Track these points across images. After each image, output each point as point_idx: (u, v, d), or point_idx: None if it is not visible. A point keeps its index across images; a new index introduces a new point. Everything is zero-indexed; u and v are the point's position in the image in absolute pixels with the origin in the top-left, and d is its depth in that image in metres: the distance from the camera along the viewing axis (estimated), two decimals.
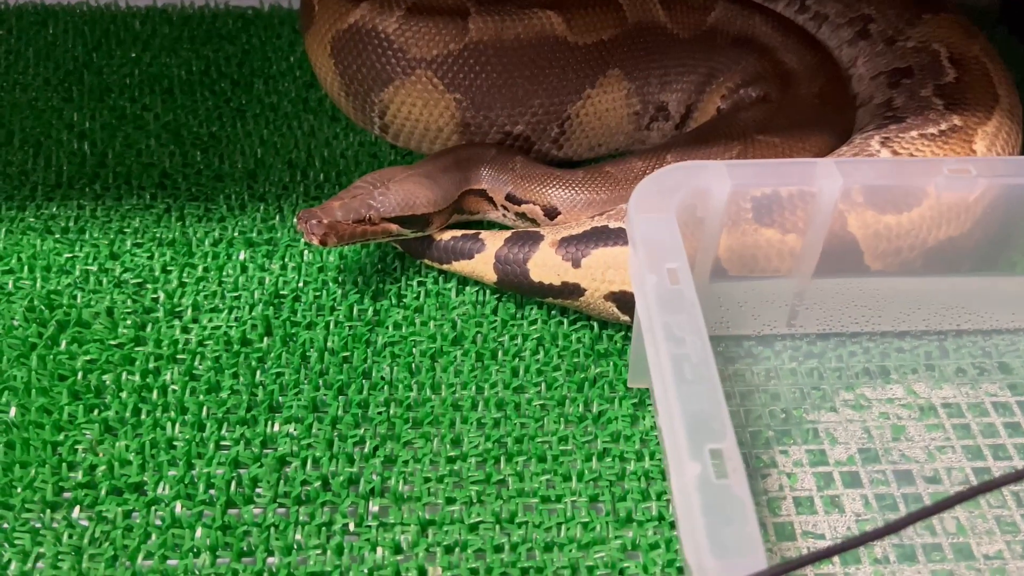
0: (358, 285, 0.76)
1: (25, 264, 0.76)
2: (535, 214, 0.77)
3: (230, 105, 0.96)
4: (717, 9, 0.85)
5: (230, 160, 0.88)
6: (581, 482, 0.62)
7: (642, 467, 0.63)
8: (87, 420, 0.64)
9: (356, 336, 0.71)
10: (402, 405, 0.66)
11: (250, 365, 0.69)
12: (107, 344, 0.70)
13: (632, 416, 0.66)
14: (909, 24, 0.85)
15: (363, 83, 0.84)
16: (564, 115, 0.82)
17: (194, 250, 0.78)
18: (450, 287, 0.76)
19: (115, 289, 0.74)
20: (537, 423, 0.65)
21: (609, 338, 0.72)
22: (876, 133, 0.74)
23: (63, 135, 0.91)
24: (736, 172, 0.58)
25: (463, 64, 0.80)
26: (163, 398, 0.66)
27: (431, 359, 0.70)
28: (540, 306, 0.74)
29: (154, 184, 0.85)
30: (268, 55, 1.04)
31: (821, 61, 0.82)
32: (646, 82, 0.83)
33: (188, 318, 0.72)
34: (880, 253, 0.66)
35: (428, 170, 0.76)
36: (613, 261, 0.68)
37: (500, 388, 0.68)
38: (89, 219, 0.81)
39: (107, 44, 1.06)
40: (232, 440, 0.63)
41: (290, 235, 0.80)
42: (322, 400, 0.67)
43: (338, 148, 0.90)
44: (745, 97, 0.81)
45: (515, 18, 0.79)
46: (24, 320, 0.71)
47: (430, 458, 0.63)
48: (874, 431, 0.61)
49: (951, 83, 0.78)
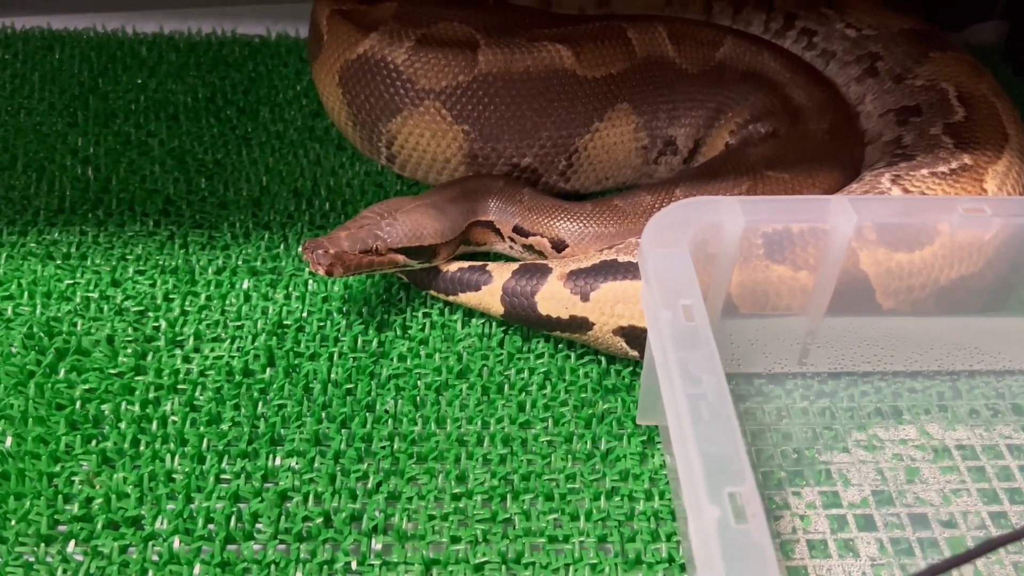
0: (363, 316, 0.75)
1: (25, 290, 0.75)
2: (542, 246, 0.76)
3: (235, 132, 0.96)
4: (726, 45, 0.85)
5: (235, 187, 0.88)
6: (589, 522, 0.60)
7: (651, 507, 0.61)
8: (84, 451, 0.63)
9: (360, 368, 0.70)
10: (406, 440, 0.65)
11: (252, 396, 0.67)
12: (107, 373, 0.69)
13: (641, 454, 0.65)
14: (917, 62, 0.85)
15: (371, 113, 0.83)
16: (572, 148, 0.82)
17: (197, 278, 0.77)
18: (456, 319, 0.75)
19: (116, 317, 0.73)
20: (544, 460, 0.64)
21: (617, 373, 0.71)
22: (886, 170, 0.74)
23: (67, 160, 0.91)
24: (749, 208, 0.57)
25: (472, 96, 0.80)
26: (163, 429, 0.65)
27: (436, 392, 0.69)
28: (547, 339, 0.73)
29: (158, 211, 0.85)
30: (274, 83, 1.04)
31: (830, 97, 0.82)
32: (654, 116, 0.83)
33: (190, 347, 0.71)
34: (892, 291, 0.66)
35: (435, 201, 0.75)
36: (623, 295, 0.67)
37: (506, 423, 0.67)
38: (91, 245, 0.80)
39: (113, 70, 1.05)
40: (233, 473, 0.62)
41: (294, 264, 0.79)
42: (325, 433, 0.65)
43: (344, 177, 0.90)
44: (754, 133, 0.81)
45: (524, 51, 0.79)
46: (23, 347, 0.70)
47: (435, 495, 0.62)
48: (888, 473, 0.60)
49: (960, 121, 0.77)
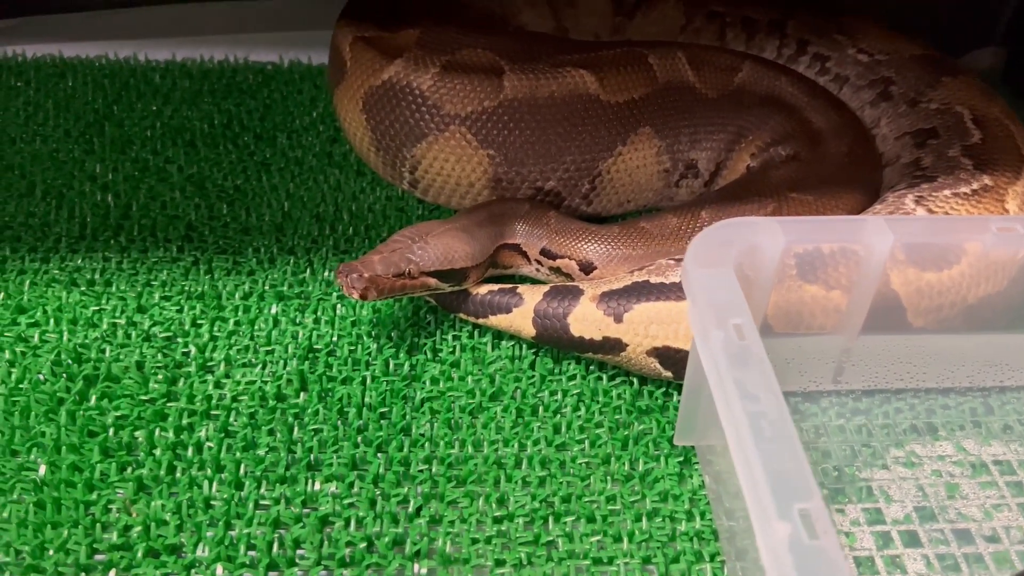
0: (393, 339, 0.74)
1: (51, 317, 0.75)
2: (570, 269, 0.77)
3: (254, 159, 0.96)
4: (744, 70, 0.86)
5: (257, 213, 0.88)
6: (632, 543, 0.60)
7: (693, 527, 0.61)
8: (120, 478, 0.62)
9: (394, 391, 0.70)
10: (444, 463, 0.65)
11: (286, 421, 0.67)
12: (138, 399, 0.68)
13: (679, 475, 0.65)
14: (930, 86, 0.87)
15: (395, 138, 0.84)
16: (595, 172, 0.83)
17: (224, 303, 0.77)
18: (485, 341, 0.75)
19: (144, 343, 0.73)
20: (583, 482, 0.64)
21: (650, 394, 0.71)
22: (909, 192, 0.75)
23: (85, 186, 0.90)
24: (789, 228, 0.58)
25: (497, 121, 0.80)
26: (198, 456, 0.64)
27: (470, 415, 0.69)
28: (578, 361, 0.73)
29: (180, 237, 0.84)
30: (290, 109, 1.05)
31: (847, 121, 0.84)
32: (676, 140, 0.84)
33: (220, 373, 0.71)
34: (922, 310, 0.67)
35: (464, 224, 0.76)
36: (656, 316, 0.68)
37: (543, 445, 0.66)
38: (115, 271, 0.80)
39: (127, 97, 1.06)
40: (272, 499, 0.62)
41: (321, 288, 0.79)
42: (362, 457, 0.65)
43: (365, 202, 0.90)
44: (775, 156, 0.82)
45: (549, 76, 0.80)
46: (51, 374, 0.69)
47: (476, 518, 0.61)
48: (928, 489, 0.60)
49: (977, 144, 0.79)
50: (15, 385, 0.68)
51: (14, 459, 0.63)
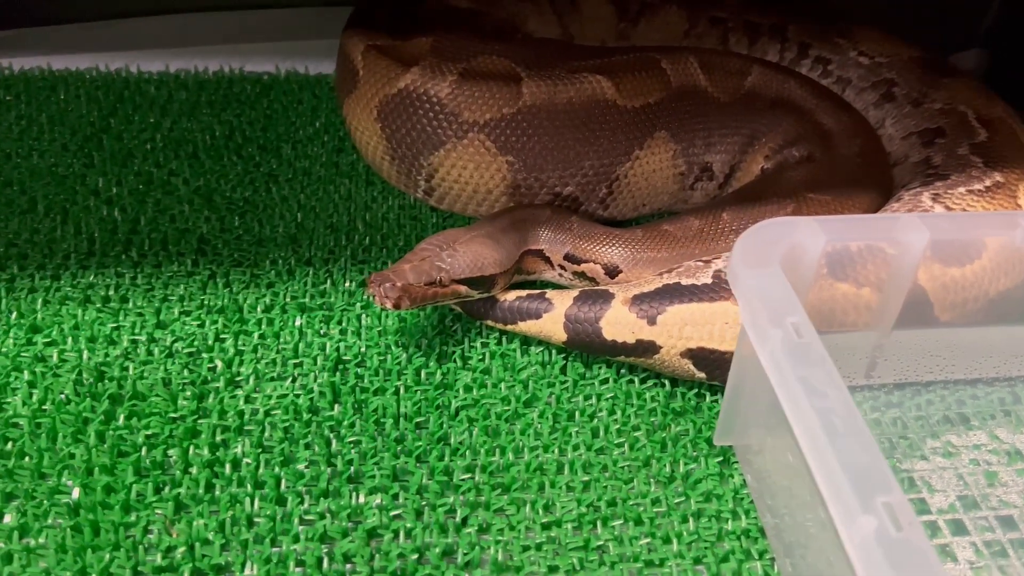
0: (422, 348, 0.74)
1: (68, 335, 0.73)
2: (595, 273, 0.77)
3: (260, 170, 0.95)
4: (753, 74, 0.88)
5: (270, 225, 0.87)
6: (681, 544, 0.60)
7: (739, 526, 0.62)
8: (158, 498, 0.61)
9: (428, 400, 0.69)
10: (486, 471, 0.64)
11: (323, 434, 0.66)
12: (167, 417, 0.67)
13: (720, 474, 0.65)
14: (932, 87, 0.89)
15: (412, 147, 0.83)
16: (613, 176, 0.83)
17: (246, 317, 0.76)
18: (514, 348, 0.75)
19: (168, 359, 0.71)
20: (627, 485, 0.64)
21: (682, 395, 0.72)
22: (924, 190, 0.77)
23: (90, 201, 0.88)
24: (828, 227, 0.59)
25: (516, 127, 0.80)
26: (236, 472, 0.63)
27: (507, 422, 0.68)
28: (608, 364, 0.74)
29: (193, 250, 0.83)
30: (292, 120, 1.04)
31: (856, 122, 0.86)
32: (691, 143, 0.85)
33: (250, 387, 0.69)
34: (948, 305, 0.68)
35: (489, 231, 0.75)
36: (690, 318, 0.68)
37: (583, 450, 0.66)
38: (129, 287, 0.78)
39: (123, 109, 1.03)
40: (317, 514, 0.61)
41: (344, 299, 0.78)
42: (403, 468, 0.64)
43: (378, 212, 0.89)
44: (789, 157, 0.83)
45: (567, 82, 0.81)
46: (75, 394, 0.68)
47: (525, 525, 0.61)
48: (968, 478, 0.61)
49: (984, 142, 0.81)
50: (38, 407, 0.66)
51: (44, 482, 0.61)
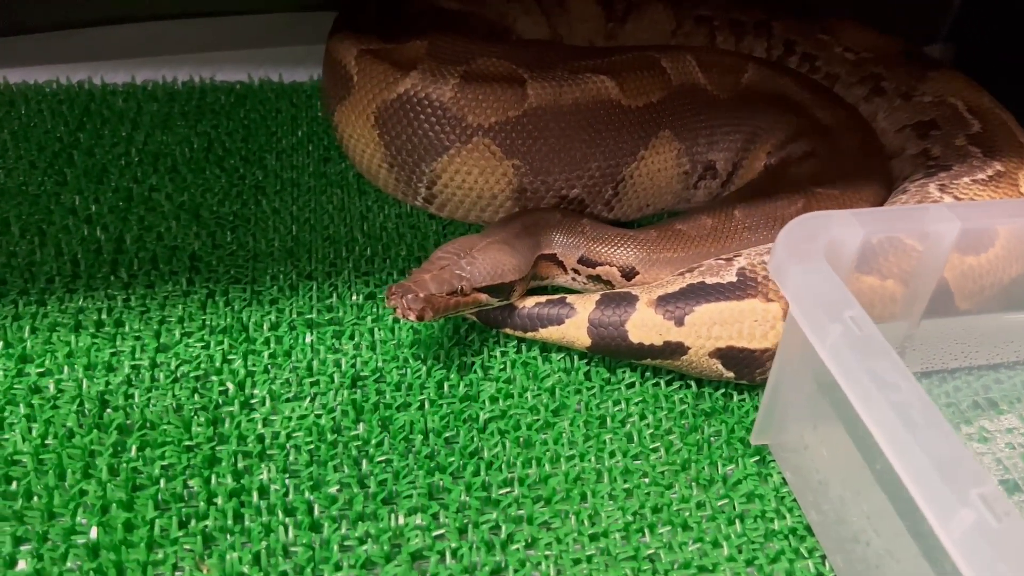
0: (440, 360, 0.72)
1: (63, 364, 0.68)
2: (611, 276, 0.76)
3: (246, 183, 0.91)
4: (749, 71, 0.88)
5: (264, 239, 0.83)
6: (731, 547, 0.59)
7: (785, 525, 0.61)
8: (184, 533, 0.57)
9: (455, 414, 0.67)
10: (524, 484, 0.62)
11: (350, 455, 0.63)
12: (182, 446, 0.63)
13: (759, 474, 0.65)
14: (919, 80, 0.91)
15: (412, 153, 0.81)
16: (619, 177, 0.82)
17: (253, 335, 0.72)
18: (534, 355, 0.73)
19: (174, 384, 0.67)
20: (669, 490, 0.63)
21: (710, 396, 0.71)
22: (929, 181, 0.78)
23: (68, 221, 0.83)
24: (864, 220, 0.59)
25: (522, 130, 0.79)
26: (264, 500, 0.60)
27: (538, 432, 0.66)
28: (632, 368, 0.72)
29: (186, 268, 0.79)
30: (272, 130, 1.00)
31: (852, 116, 0.86)
32: (695, 142, 0.84)
33: (266, 409, 0.66)
34: (967, 293, 0.69)
35: (503, 237, 0.74)
36: (719, 317, 0.67)
37: (619, 457, 0.65)
38: (123, 310, 0.74)
39: (91, 123, 0.98)
40: (356, 539, 0.58)
41: (353, 313, 0.75)
42: (439, 486, 0.62)
43: (376, 221, 0.86)
44: (792, 153, 0.83)
45: (571, 83, 0.79)
46: (79, 426, 0.63)
47: (573, 537, 0.59)
48: (1007, 462, 0.62)
49: (979, 133, 0.83)
50: (39, 441, 0.62)
51: (57, 523, 0.57)
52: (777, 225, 0.76)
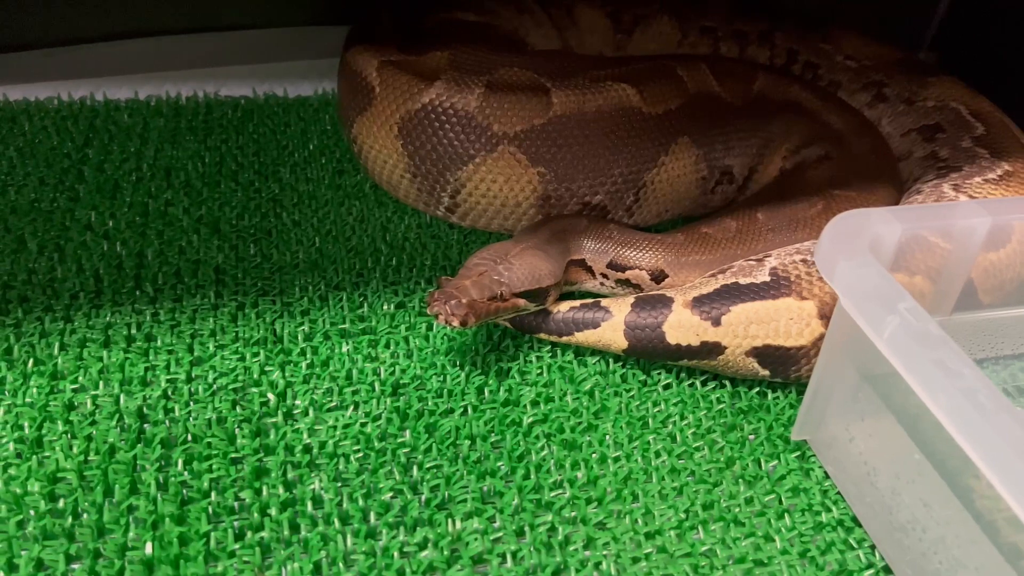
0: (477, 366, 0.72)
1: (98, 380, 0.67)
2: (640, 280, 0.77)
3: (262, 196, 0.90)
4: (759, 79, 0.90)
5: (289, 251, 0.82)
6: (783, 540, 0.60)
7: (833, 517, 0.62)
8: (241, 545, 0.56)
9: (500, 419, 0.67)
10: (574, 485, 0.63)
11: (400, 462, 0.63)
12: (228, 458, 0.62)
13: (801, 469, 0.66)
14: (920, 86, 0.94)
15: (437, 162, 0.81)
16: (640, 183, 0.83)
17: (288, 346, 0.72)
18: (569, 359, 0.73)
19: (214, 397, 0.67)
20: (716, 487, 0.64)
21: (744, 395, 0.72)
22: (942, 181, 0.80)
23: (85, 237, 0.82)
24: (902, 216, 0.60)
25: (547, 138, 0.80)
26: (320, 509, 0.59)
27: (583, 434, 0.67)
28: (667, 370, 0.73)
29: (212, 281, 0.78)
30: (283, 144, 1.00)
31: (861, 121, 0.89)
32: (712, 148, 0.86)
33: (310, 419, 0.66)
34: (989, 288, 0.71)
35: (535, 243, 0.74)
36: (755, 316, 0.68)
37: (665, 456, 0.66)
38: (152, 324, 0.73)
39: (99, 139, 0.97)
40: (415, 545, 0.57)
41: (386, 322, 0.75)
42: (491, 490, 0.62)
43: (397, 232, 0.87)
44: (807, 157, 0.85)
45: (594, 91, 0.80)
46: (121, 441, 0.62)
47: (629, 536, 0.60)
48: None
49: (984, 135, 0.86)
50: (82, 458, 0.61)
51: (109, 539, 0.56)
52: (799, 226, 0.78)
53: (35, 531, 0.56)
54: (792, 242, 0.77)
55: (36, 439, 0.62)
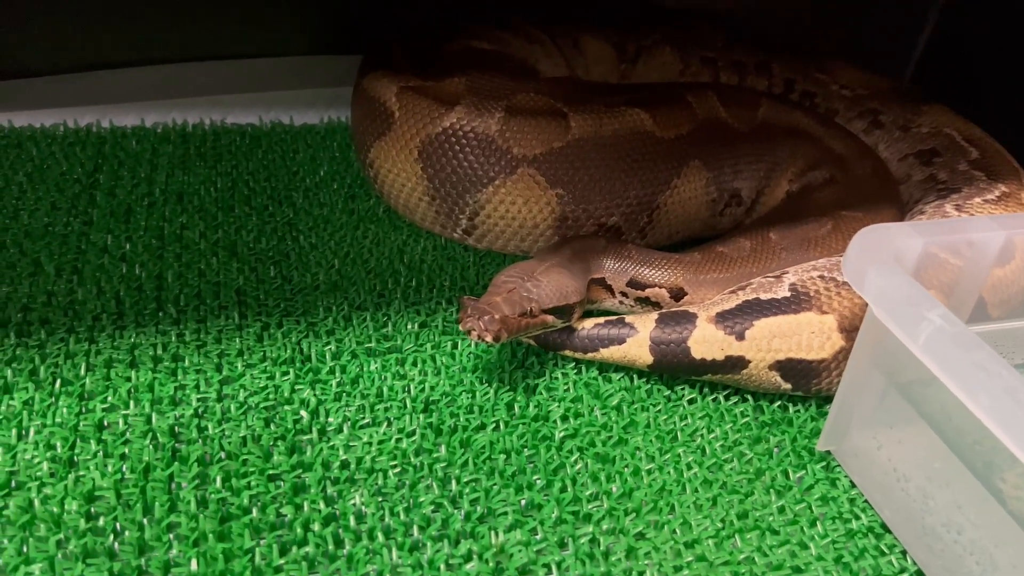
0: (505, 383, 0.72)
1: (129, 399, 0.66)
2: (660, 297, 0.78)
3: (277, 220, 0.91)
4: (763, 106, 0.93)
5: (309, 273, 0.83)
6: (818, 547, 0.62)
7: (863, 524, 0.64)
8: (287, 560, 0.56)
9: (532, 434, 0.68)
10: (611, 498, 0.64)
11: (437, 476, 0.63)
12: (266, 474, 0.62)
13: (828, 478, 0.67)
14: (914, 113, 0.98)
15: (457, 185, 0.83)
16: (654, 205, 0.86)
17: (316, 365, 0.72)
18: (595, 376, 0.75)
19: (246, 416, 0.66)
20: (749, 497, 0.65)
21: (767, 408, 0.73)
22: (944, 202, 0.83)
23: (102, 259, 0.82)
24: (922, 231, 0.63)
25: (564, 160, 0.81)
26: (362, 523, 0.59)
27: (614, 448, 0.68)
28: (691, 385, 0.75)
29: (234, 303, 0.78)
30: (293, 170, 1.00)
31: (861, 146, 0.92)
32: (721, 171, 0.88)
33: (344, 436, 0.66)
34: (998, 303, 0.74)
35: (559, 261, 0.76)
36: (778, 330, 0.70)
37: (696, 468, 0.67)
38: (177, 345, 0.73)
39: (108, 165, 0.97)
40: (460, 557, 0.58)
41: (411, 340, 0.76)
42: (530, 502, 0.62)
43: (414, 254, 0.87)
44: (813, 180, 0.88)
45: (610, 115, 0.83)
46: (155, 459, 0.62)
47: (669, 546, 0.60)
48: None
49: (979, 159, 0.89)
50: (118, 476, 0.60)
51: (153, 556, 0.55)
52: (810, 246, 0.81)
53: (76, 550, 0.55)
54: (804, 260, 0.79)
55: (69, 458, 0.61)
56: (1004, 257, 0.74)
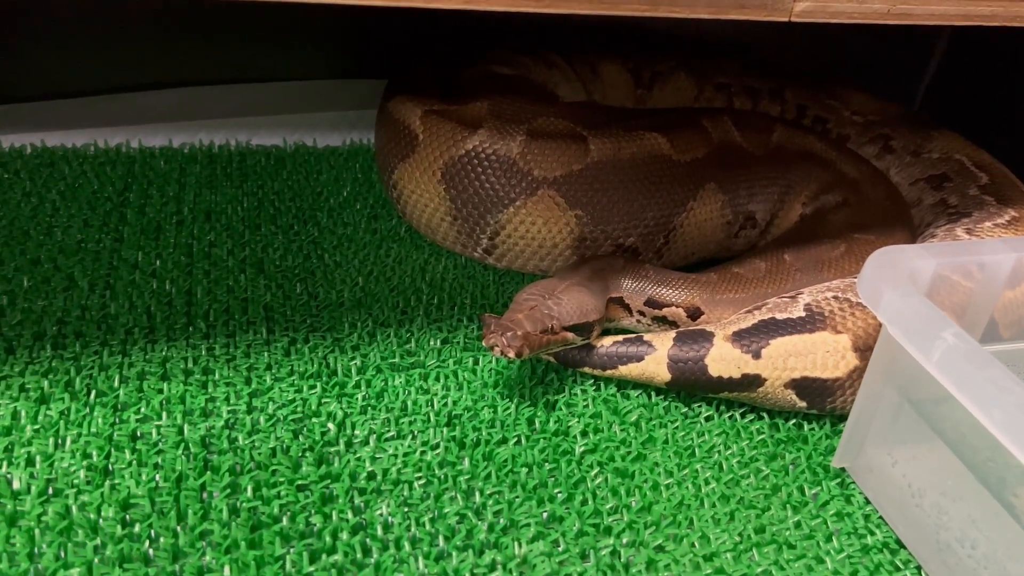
0: (526, 399, 0.74)
1: (162, 411, 0.68)
2: (677, 316, 0.80)
3: (303, 239, 0.93)
4: (777, 131, 0.95)
5: (335, 291, 0.85)
6: (834, 562, 0.63)
7: (878, 540, 0.65)
8: (316, 567, 0.58)
9: (553, 448, 0.69)
10: (631, 511, 0.65)
11: (461, 488, 0.65)
12: (295, 484, 0.63)
13: (843, 495, 0.68)
14: (925, 139, 1.00)
15: (479, 206, 0.85)
16: (671, 226, 0.88)
17: (342, 379, 0.74)
18: (613, 392, 0.76)
19: (275, 427, 0.68)
20: (765, 512, 0.66)
21: (782, 426, 0.75)
22: (955, 225, 0.85)
23: (134, 275, 0.84)
24: (935, 252, 0.65)
25: (584, 182, 0.84)
26: (389, 532, 0.61)
27: (633, 463, 0.69)
28: (708, 402, 0.76)
29: (263, 318, 0.80)
30: (317, 190, 1.03)
31: (874, 171, 0.94)
32: (736, 194, 0.90)
33: (371, 448, 0.67)
34: (1008, 323, 0.75)
35: (579, 280, 0.78)
36: (793, 349, 0.72)
37: (714, 484, 0.68)
38: (208, 358, 0.75)
39: (138, 184, 1.00)
40: (485, 567, 0.59)
41: (434, 356, 0.78)
42: (552, 514, 0.64)
43: (435, 273, 0.90)
44: (827, 203, 0.90)
45: (629, 139, 0.85)
46: (188, 469, 0.63)
47: (688, 558, 0.62)
48: None
49: (988, 184, 0.91)
50: (152, 485, 0.62)
51: (185, 561, 0.57)
52: (824, 267, 0.83)
53: (113, 555, 0.56)
54: (818, 281, 0.81)
55: (104, 467, 0.63)
56: (1015, 279, 0.76)
